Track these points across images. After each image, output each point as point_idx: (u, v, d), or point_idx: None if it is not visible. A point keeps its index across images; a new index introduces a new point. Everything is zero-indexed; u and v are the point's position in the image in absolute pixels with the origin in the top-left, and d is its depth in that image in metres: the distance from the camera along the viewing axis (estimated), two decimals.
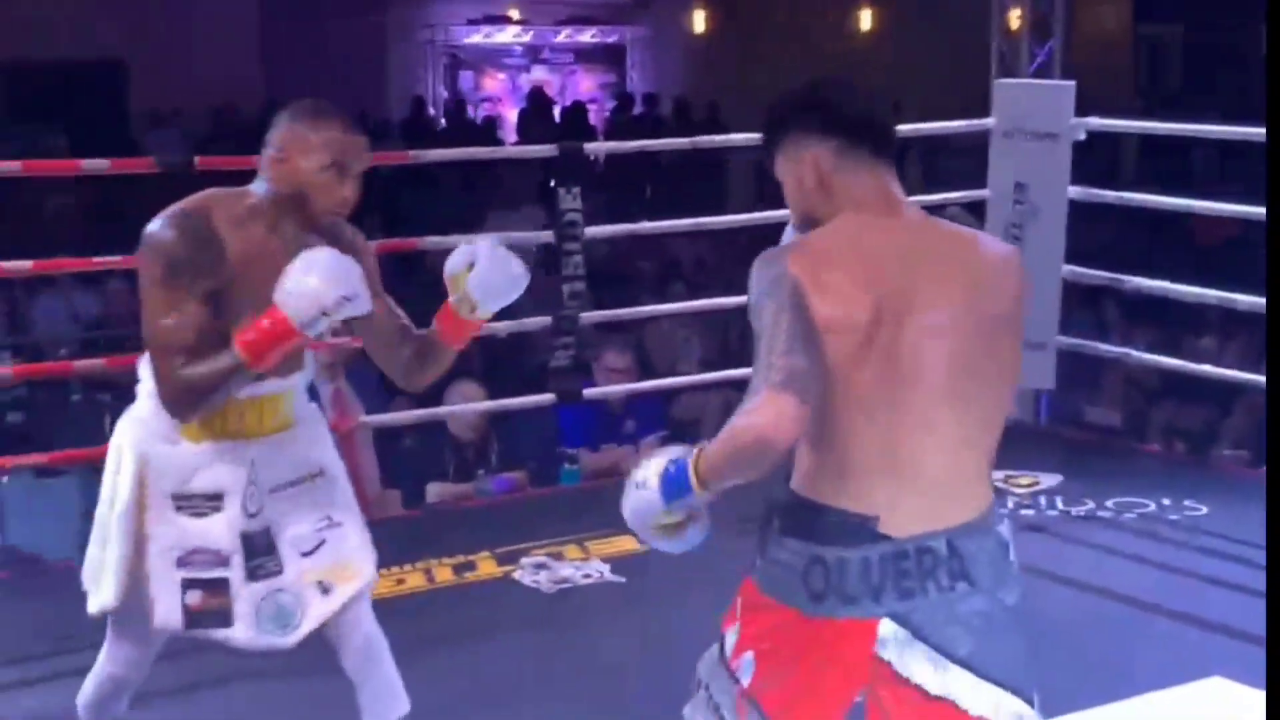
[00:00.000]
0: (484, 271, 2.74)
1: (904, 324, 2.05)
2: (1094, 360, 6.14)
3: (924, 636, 2.05)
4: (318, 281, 2.58)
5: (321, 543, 2.82)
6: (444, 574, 4.50)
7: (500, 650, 3.97)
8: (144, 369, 2.76)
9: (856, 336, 2.02)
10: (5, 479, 5.36)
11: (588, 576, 4.43)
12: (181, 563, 2.75)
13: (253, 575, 2.75)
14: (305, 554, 2.80)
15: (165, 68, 14.40)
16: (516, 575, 4.46)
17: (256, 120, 14.97)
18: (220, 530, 2.74)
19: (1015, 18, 6.42)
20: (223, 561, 2.74)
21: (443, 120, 17.19)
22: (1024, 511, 4.91)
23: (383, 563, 4.42)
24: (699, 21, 18.90)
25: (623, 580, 4.38)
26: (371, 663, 2.91)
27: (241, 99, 15.36)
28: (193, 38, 15.28)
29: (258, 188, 2.76)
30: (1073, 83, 5.74)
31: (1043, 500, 5.00)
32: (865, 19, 17.91)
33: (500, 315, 3.03)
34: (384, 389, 5.86)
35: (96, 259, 4.80)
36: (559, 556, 4.55)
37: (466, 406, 5.51)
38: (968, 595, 2.07)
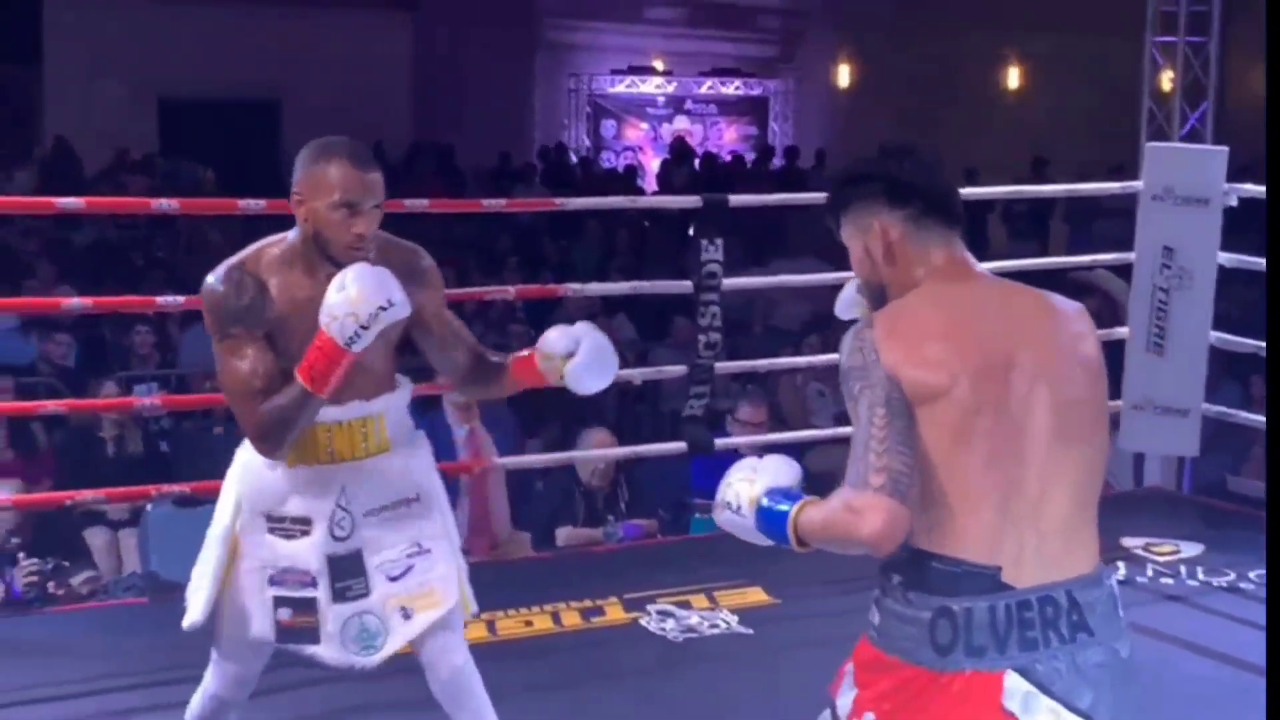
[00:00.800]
0: (584, 364, 2.88)
1: (1008, 380, 2.10)
2: (1240, 429, 6.00)
3: (1046, 688, 2.05)
4: (351, 296, 2.67)
5: (409, 569, 2.90)
6: (571, 618, 4.52)
7: (624, 696, 3.97)
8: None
9: (963, 399, 2.07)
10: (150, 507, 5.51)
11: (714, 627, 4.41)
12: (274, 581, 2.87)
13: (339, 596, 2.86)
14: (392, 578, 2.89)
15: (319, 107, 14.74)
16: (643, 622, 4.47)
17: (403, 162, 15.30)
18: (308, 553, 2.85)
19: (1167, 79, 6.34)
20: (310, 582, 2.85)
21: (583, 168, 17.37)
22: (1164, 580, 4.80)
23: (511, 604, 4.52)
24: (843, 76, 18.91)
25: (750, 632, 4.36)
26: (462, 693, 2.97)
27: (390, 139, 15.69)
28: (345, 80, 15.62)
29: (293, 232, 2.85)
30: (1225, 148, 5.64)
31: (1183, 569, 4.89)
32: (1013, 77, 17.76)
33: (637, 363, 3.08)
34: (521, 432, 5.93)
35: None
36: (686, 605, 4.55)
37: (598, 453, 5.54)
38: (1087, 646, 2.08)
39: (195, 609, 2.93)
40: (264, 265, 2.82)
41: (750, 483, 2.22)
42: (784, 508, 2.15)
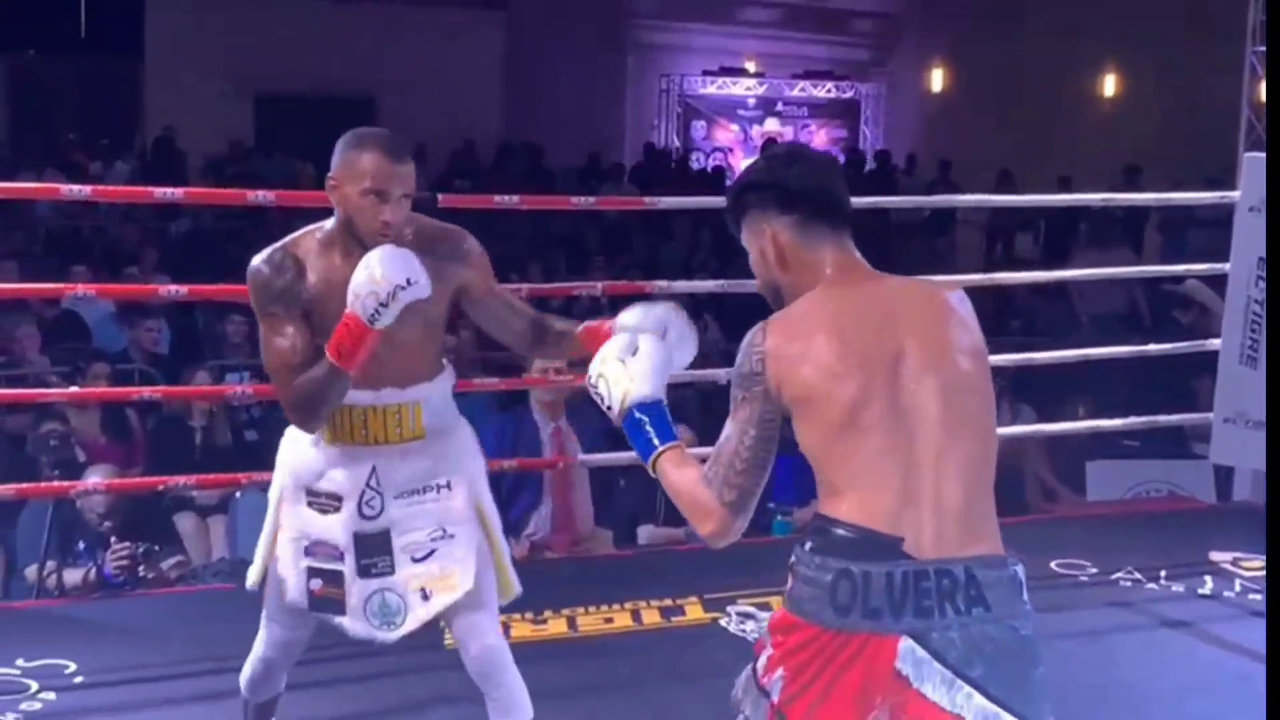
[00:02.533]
0: (672, 346, 2.86)
1: (897, 372, 2.21)
2: None
3: (940, 655, 2.14)
4: (374, 275, 2.79)
5: (432, 552, 3.02)
6: (652, 616, 4.54)
7: (703, 696, 3.97)
8: None
9: (852, 394, 2.18)
10: (239, 495, 5.59)
11: None
12: (308, 552, 3.03)
13: (364, 572, 3.01)
14: (416, 560, 3.02)
15: (411, 105, 14.86)
16: (723, 623, 4.47)
17: (493, 160, 15.40)
18: (337, 528, 3.00)
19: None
20: (339, 556, 3.01)
21: (673, 167, 17.39)
22: (1252, 596, 4.74)
23: (592, 600, 4.54)
24: (936, 80, 18.79)
25: None
26: (494, 670, 3.06)
27: (481, 137, 15.79)
28: (438, 78, 15.75)
29: (331, 219, 2.99)
30: None
31: None
32: (1109, 84, 17.55)
33: (723, 364, 3.10)
34: (605, 429, 5.94)
35: None
36: (766, 607, 4.55)
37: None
38: (983, 621, 2.16)
39: (253, 573, 3.13)
40: (304, 249, 2.98)
41: (624, 379, 2.44)
42: (655, 442, 2.37)
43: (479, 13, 16.85)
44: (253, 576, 3.14)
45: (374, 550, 3.00)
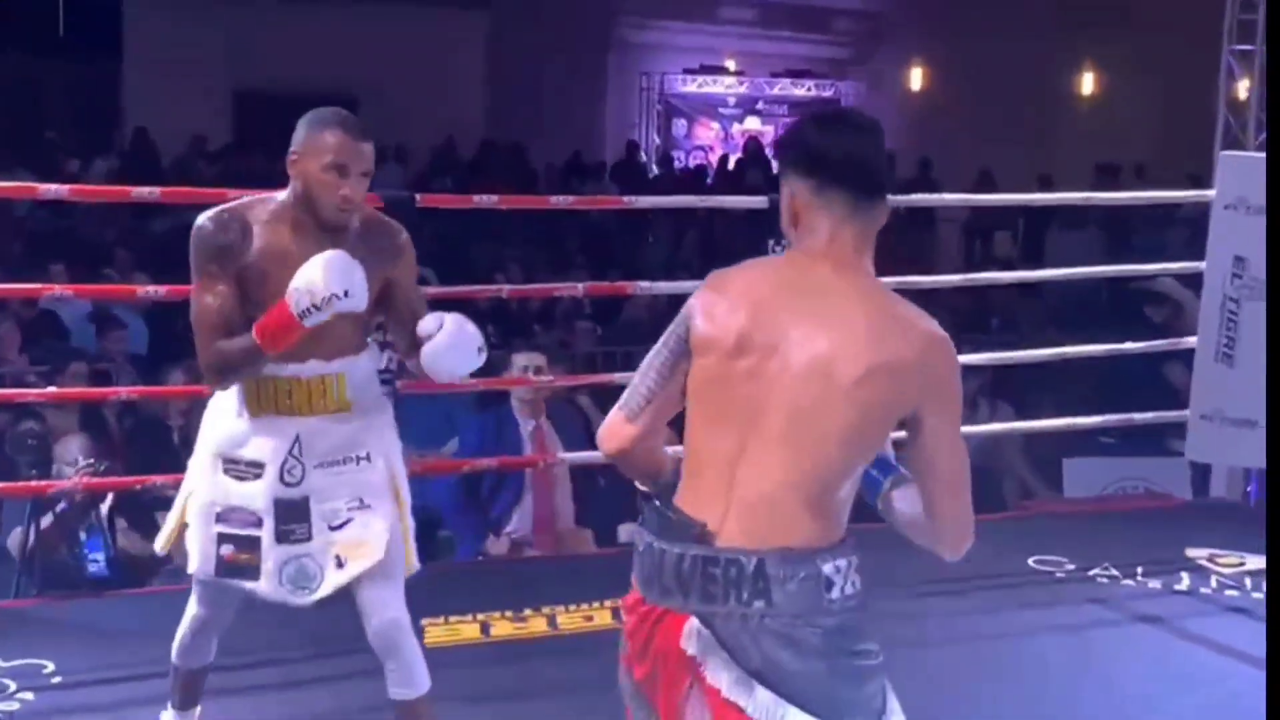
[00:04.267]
0: (442, 345, 2.98)
1: (764, 362, 2.21)
2: None
3: (721, 641, 2.19)
4: (316, 277, 2.89)
5: (348, 521, 3.10)
6: None
7: None
8: None
9: (719, 361, 2.23)
10: None
11: None
12: (220, 519, 3.09)
13: (281, 538, 3.07)
14: (333, 528, 3.09)
15: (393, 104, 14.83)
16: None
17: (474, 159, 15.39)
18: (257, 494, 3.07)
19: (1243, 88, 6.28)
20: (256, 522, 3.07)
21: (654, 167, 17.40)
22: (1228, 592, 4.77)
23: (573, 599, 4.55)
24: (916, 79, 18.83)
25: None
26: (392, 644, 3.11)
27: (462, 136, 15.75)
28: (419, 76, 15.73)
29: (286, 191, 3.08)
30: None
31: (1248, 581, 4.85)
32: (1087, 83, 17.61)
33: None
34: (586, 428, 5.96)
35: None
36: None
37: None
38: (764, 614, 2.17)
39: (161, 538, 3.25)
40: (253, 215, 3.06)
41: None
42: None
43: (461, 12, 16.82)
44: (160, 541, 3.25)
45: (293, 517, 3.07)
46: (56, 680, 3.94)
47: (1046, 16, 15.91)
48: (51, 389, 5.71)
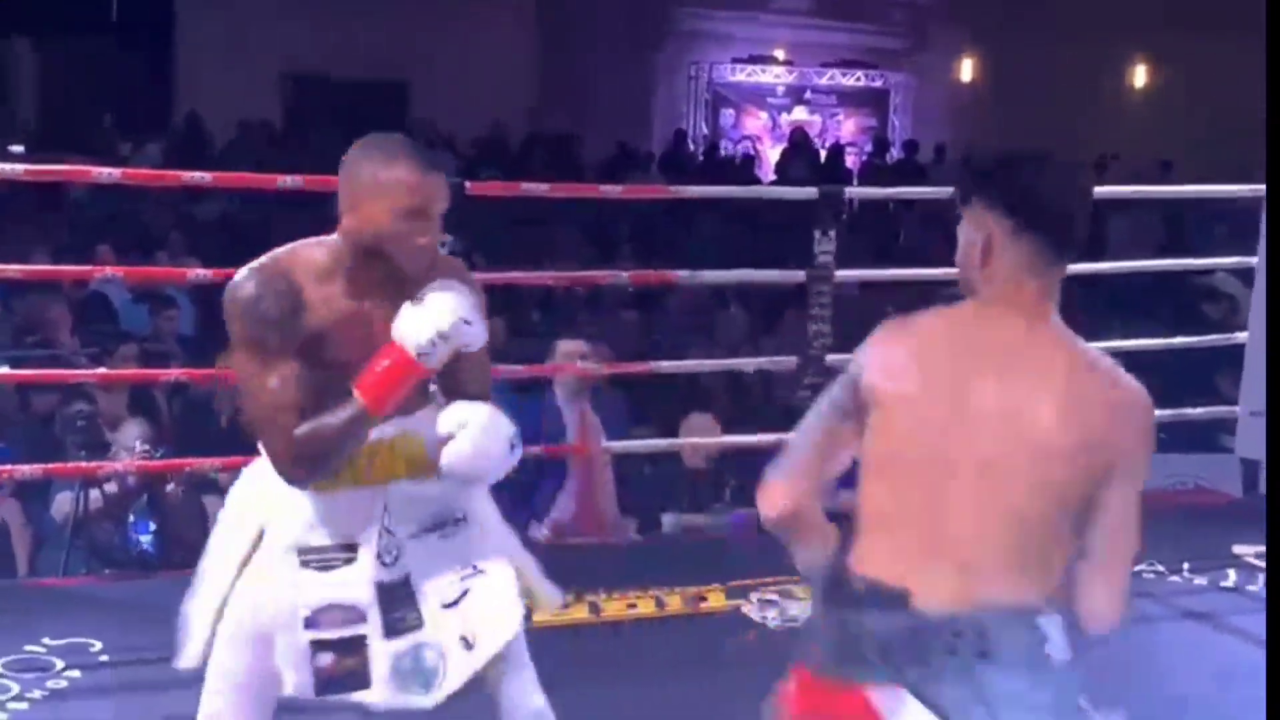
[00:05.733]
0: (465, 451, 2.53)
1: (955, 417, 2.09)
2: None
3: (943, 712, 2.05)
4: (433, 310, 2.47)
5: (465, 592, 2.61)
6: (674, 602, 4.55)
7: (724, 682, 3.98)
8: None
9: (902, 416, 2.11)
10: None
11: None
12: (310, 624, 2.55)
13: (391, 630, 2.56)
14: (447, 605, 2.59)
15: (442, 90, 14.88)
16: (745, 610, 4.48)
17: (522, 147, 15.41)
18: (353, 582, 2.56)
19: None
20: (358, 617, 2.55)
21: (701, 156, 17.37)
22: None
23: (615, 586, 4.55)
24: (966, 70, 18.71)
25: None
26: None
27: (511, 125, 15.76)
28: (471, 63, 15.76)
29: (334, 238, 2.59)
30: None
31: None
32: (1139, 75, 17.46)
33: (751, 353, 3.05)
34: (629, 417, 5.96)
35: None
36: (789, 595, 4.55)
37: (703, 440, 5.56)
38: (992, 675, 2.06)
39: (193, 650, 2.64)
40: (301, 272, 2.54)
41: None
42: None
43: (510, 1, 16.87)
44: (191, 655, 2.64)
45: (399, 602, 2.56)
46: (104, 659, 3.98)
47: (1099, 8, 15.78)
48: (101, 370, 5.76)
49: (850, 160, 17.30)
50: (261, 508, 2.61)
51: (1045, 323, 2.16)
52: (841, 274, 5.28)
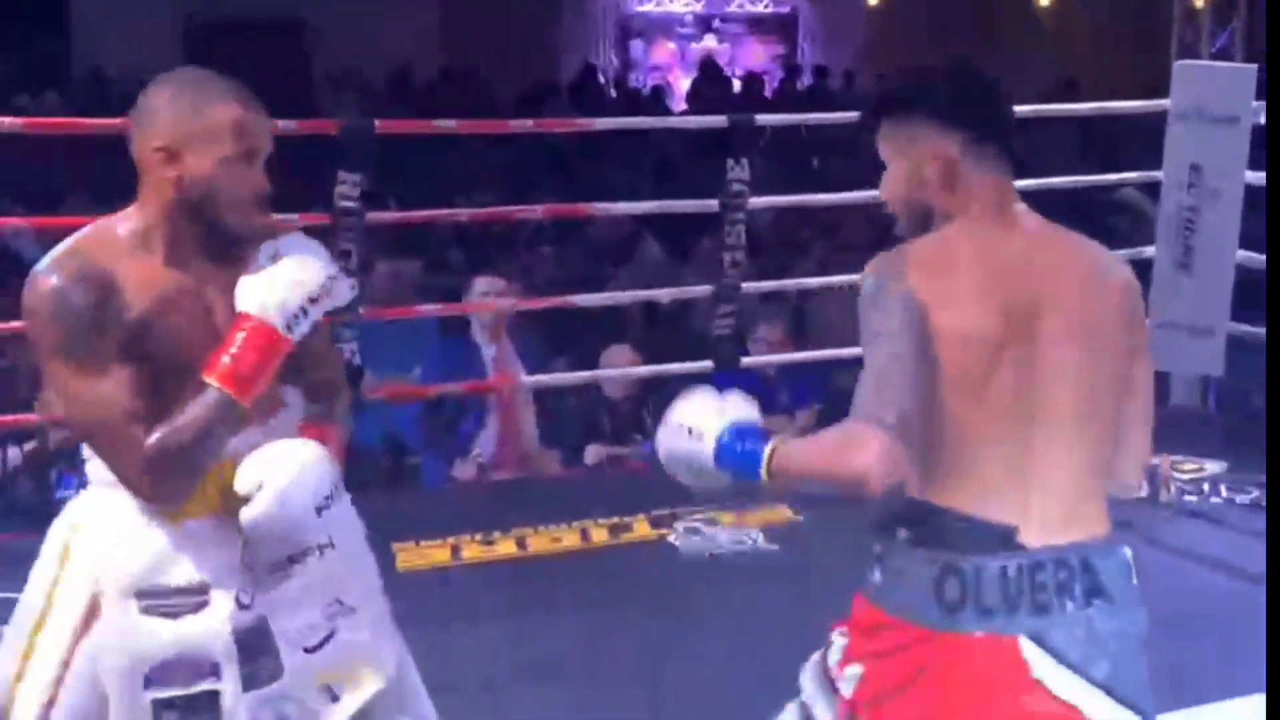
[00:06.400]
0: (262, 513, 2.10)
1: (1033, 335, 2.01)
2: (1264, 347, 6.01)
3: (1062, 656, 1.96)
4: (294, 269, 2.11)
5: (330, 634, 2.20)
6: (599, 534, 4.58)
7: (651, 612, 4.04)
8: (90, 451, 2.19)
9: (988, 348, 1.98)
10: None
11: (740, 543, 4.47)
12: (152, 682, 2.12)
13: (249, 683, 2.14)
14: (310, 650, 2.19)
15: (346, 29, 14.67)
16: (671, 539, 4.53)
17: (430, 85, 15.25)
18: (205, 632, 2.13)
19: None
20: (210, 671, 2.13)
21: (612, 89, 17.28)
22: (1187, 498, 4.85)
23: (540, 521, 4.58)
24: None
25: (776, 549, 4.42)
26: None
27: (418, 63, 15.59)
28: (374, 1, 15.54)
29: (145, 201, 2.18)
30: (1255, 66, 5.60)
31: (1206, 486, 4.93)
32: None
33: (663, 283, 3.03)
34: (548, 350, 5.97)
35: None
36: (713, 523, 4.60)
37: (622, 371, 5.59)
38: (1103, 613, 1.99)
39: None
40: (109, 252, 2.13)
41: (718, 414, 2.08)
42: (755, 440, 2.02)
43: None
44: None
45: (257, 651, 2.15)
46: None
47: None
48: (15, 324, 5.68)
49: (762, 87, 17.29)
50: (92, 543, 2.17)
51: (1040, 221, 2.13)
52: (755, 201, 5.30)
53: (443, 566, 4.32)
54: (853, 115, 6.72)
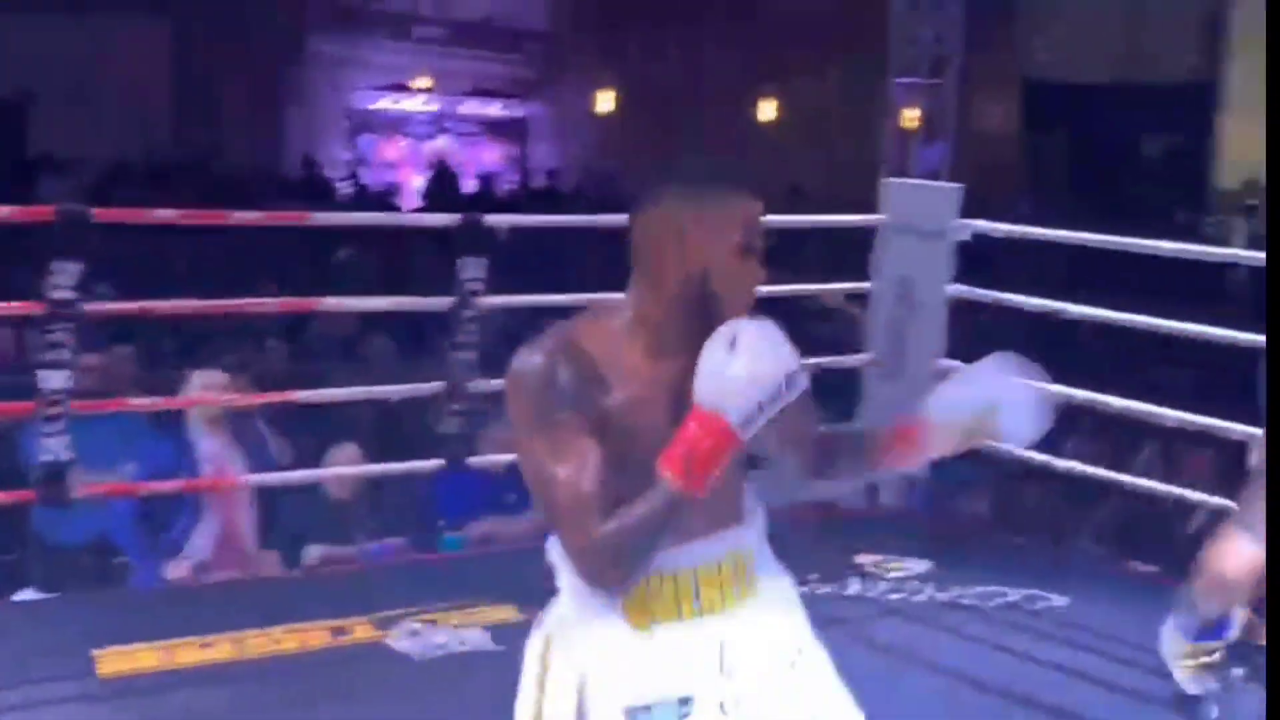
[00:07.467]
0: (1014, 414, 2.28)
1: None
2: (967, 451, 6.29)
3: None
4: (747, 361, 2.01)
5: None
6: (319, 637, 4.50)
7: (368, 713, 3.98)
8: (555, 549, 2.15)
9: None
10: None
11: (463, 643, 4.45)
12: None
13: None
14: None
15: (68, 114, 14.30)
16: (390, 641, 4.47)
17: (155, 174, 14.93)
18: None
19: (909, 118, 6.64)
20: None
21: (340, 184, 17.22)
22: (891, 596, 5.02)
23: (257, 624, 4.47)
24: (601, 101, 19.17)
25: (501, 649, 4.40)
26: None
27: (147, 151, 15.29)
28: (101, 84, 15.21)
29: (636, 294, 2.15)
30: (959, 185, 5.94)
31: (912, 586, 5.11)
32: (767, 109, 18.25)
33: (393, 380, 3.03)
34: (267, 448, 5.86)
35: None
36: (435, 624, 4.57)
37: (344, 470, 5.53)
38: None
39: None
40: (591, 338, 2.12)
41: None
42: None
43: (142, 20, 16.30)
44: None
45: None
46: None
47: (726, 41, 16.41)
48: None
49: (493, 187, 17.45)
50: (574, 659, 2.16)
51: None
52: (489, 300, 5.33)
53: (153, 670, 4.18)
54: (586, 218, 6.86)
